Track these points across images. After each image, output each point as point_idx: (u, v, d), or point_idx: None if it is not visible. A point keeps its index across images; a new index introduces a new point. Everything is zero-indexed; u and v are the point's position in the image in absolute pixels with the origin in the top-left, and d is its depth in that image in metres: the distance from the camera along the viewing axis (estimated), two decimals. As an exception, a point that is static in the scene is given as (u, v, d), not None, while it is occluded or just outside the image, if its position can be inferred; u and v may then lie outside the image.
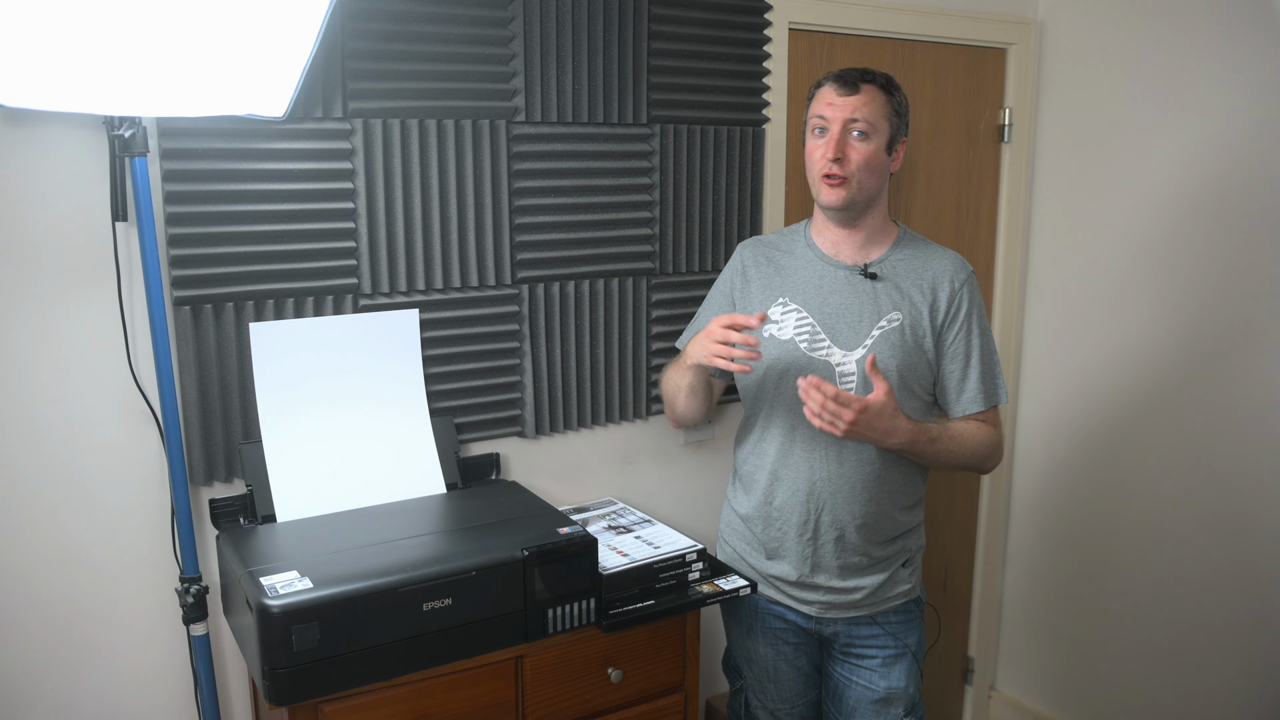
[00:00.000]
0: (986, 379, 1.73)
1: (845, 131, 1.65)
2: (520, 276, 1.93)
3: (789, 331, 1.74)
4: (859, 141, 1.65)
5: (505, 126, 1.87)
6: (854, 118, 1.64)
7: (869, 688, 1.81)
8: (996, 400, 1.74)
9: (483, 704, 1.57)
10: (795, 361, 1.73)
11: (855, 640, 1.81)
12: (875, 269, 1.73)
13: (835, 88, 1.66)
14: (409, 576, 1.42)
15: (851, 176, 1.65)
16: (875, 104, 1.66)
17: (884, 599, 1.78)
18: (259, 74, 1.50)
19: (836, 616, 1.79)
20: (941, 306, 1.71)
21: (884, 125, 1.67)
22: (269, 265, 1.69)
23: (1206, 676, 2.34)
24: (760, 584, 1.83)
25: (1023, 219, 2.64)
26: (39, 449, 1.58)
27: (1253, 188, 2.16)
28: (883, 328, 1.70)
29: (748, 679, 1.92)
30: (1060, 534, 2.66)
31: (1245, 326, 2.20)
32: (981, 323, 1.74)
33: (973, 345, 1.72)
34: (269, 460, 1.68)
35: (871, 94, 1.66)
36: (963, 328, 1.71)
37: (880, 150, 1.67)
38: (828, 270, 1.75)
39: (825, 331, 1.72)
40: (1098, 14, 2.44)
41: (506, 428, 1.98)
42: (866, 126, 1.65)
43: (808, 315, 1.74)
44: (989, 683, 2.87)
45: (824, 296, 1.74)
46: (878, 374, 1.58)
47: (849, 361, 1.70)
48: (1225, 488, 2.27)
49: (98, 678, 1.66)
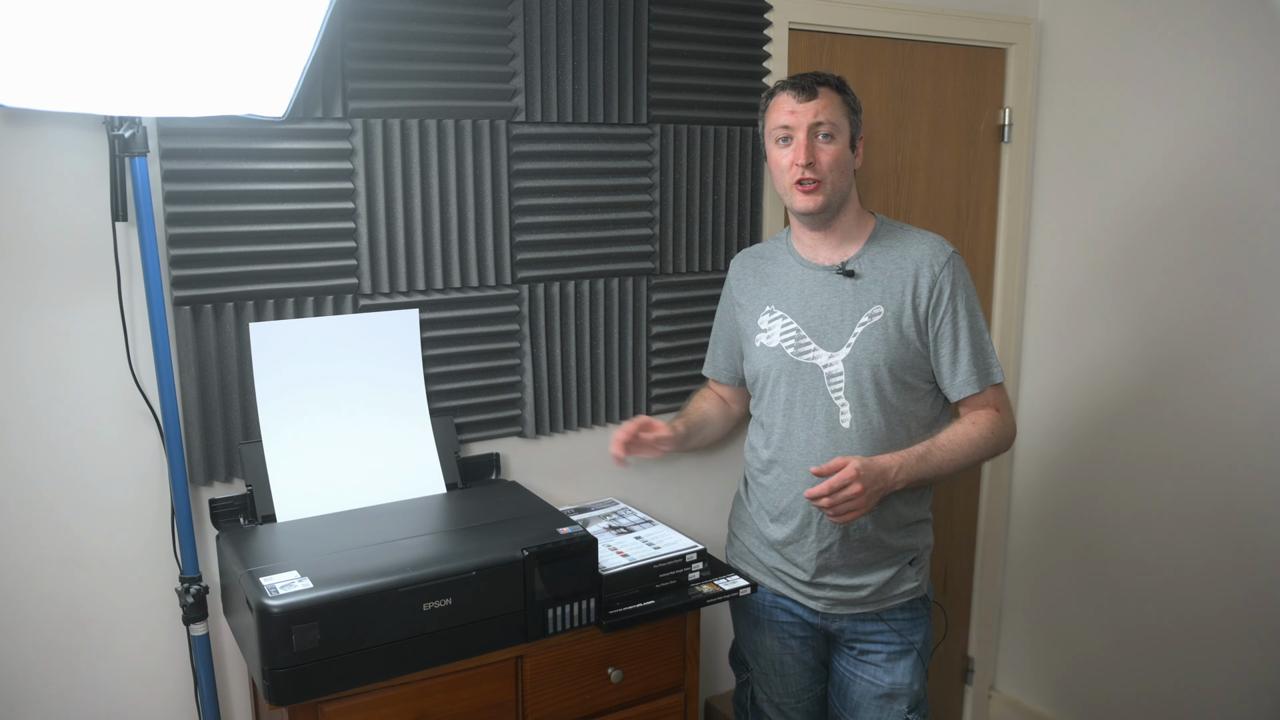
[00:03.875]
0: (978, 359, 1.71)
1: (811, 135, 1.67)
2: (520, 276, 1.93)
3: (776, 338, 1.77)
4: (826, 143, 1.67)
5: (505, 126, 1.87)
6: (818, 120, 1.66)
7: (873, 683, 1.81)
8: (991, 380, 1.72)
9: (483, 704, 1.57)
10: (784, 367, 1.76)
11: (861, 636, 1.81)
12: (852, 266, 1.74)
13: (793, 94, 1.68)
14: (409, 576, 1.42)
15: (825, 178, 1.67)
16: (834, 105, 1.68)
17: (890, 596, 1.78)
18: (259, 74, 1.50)
19: (843, 613, 1.79)
20: (924, 293, 1.70)
21: (845, 124, 1.69)
22: (269, 265, 1.69)
23: (1207, 676, 2.34)
24: (767, 578, 1.84)
25: (1023, 219, 2.64)
26: (39, 449, 1.58)
27: (1252, 187, 2.16)
28: (864, 324, 1.70)
29: (754, 672, 1.93)
30: (1060, 534, 2.66)
31: (1245, 326, 2.20)
32: (968, 303, 1.72)
33: (960, 328, 1.70)
34: (269, 460, 1.68)
35: (829, 96, 1.68)
36: (947, 310, 1.70)
37: (845, 149, 1.70)
38: (807, 274, 1.77)
39: (810, 334, 1.74)
40: (1098, 14, 2.44)
41: (506, 428, 1.98)
42: (831, 128, 1.67)
43: (792, 320, 1.76)
44: (989, 683, 2.87)
45: (805, 300, 1.76)
46: (827, 465, 1.59)
47: (835, 362, 1.71)
48: (1225, 486, 2.27)
49: (98, 678, 1.66)
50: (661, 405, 2.15)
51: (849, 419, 1.71)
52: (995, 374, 1.74)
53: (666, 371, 2.14)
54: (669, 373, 2.14)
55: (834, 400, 1.71)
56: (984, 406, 1.74)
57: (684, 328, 2.13)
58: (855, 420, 1.70)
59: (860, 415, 1.70)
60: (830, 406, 1.72)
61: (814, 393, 1.73)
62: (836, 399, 1.71)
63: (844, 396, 1.71)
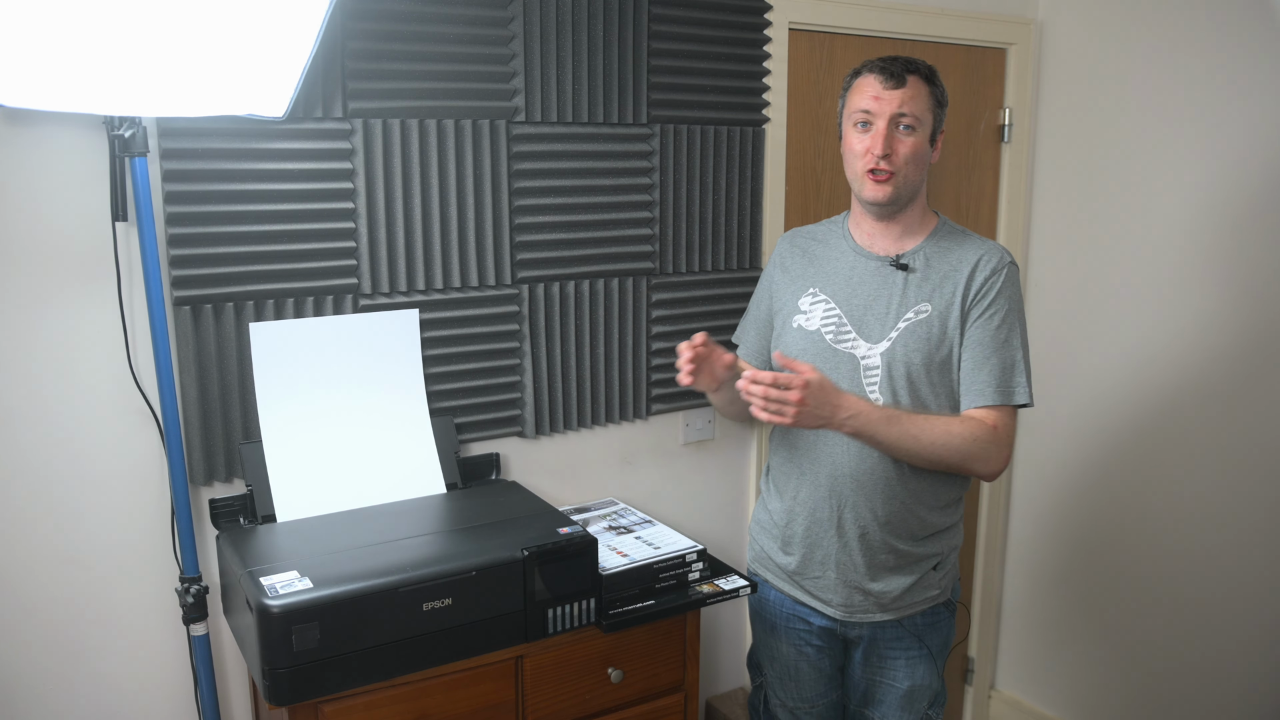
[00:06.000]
0: (1003, 373, 1.62)
1: (892, 125, 1.60)
2: (520, 276, 1.93)
3: (816, 323, 1.72)
4: (906, 135, 1.61)
5: (505, 126, 1.87)
6: (902, 111, 1.59)
7: (893, 685, 1.79)
8: (1011, 399, 1.62)
9: (483, 704, 1.57)
10: (820, 354, 1.70)
11: (880, 642, 1.78)
12: (907, 260, 1.68)
13: (881, 79, 1.61)
14: (409, 576, 1.42)
15: (899, 171, 1.61)
16: (921, 96, 1.61)
17: (911, 603, 1.73)
18: (259, 74, 1.50)
19: (862, 620, 1.75)
20: (972, 293, 1.63)
21: (928, 117, 1.63)
22: (269, 265, 1.69)
23: (1206, 676, 2.34)
24: (785, 584, 1.81)
25: (1023, 219, 2.64)
26: (39, 449, 1.58)
27: (1254, 187, 2.16)
28: (909, 320, 1.65)
29: (768, 676, 1.90)
30: (1060, 534, 2.66)
31: (1247, 326, 2.20)
32: (1009, 315, 1.63)
33: (993, 336, 1.62)
34: (269, 460, 1.68)
35: (917, 86, 1.61)
36: (986, 314, 1.62)
37: (924, 142, 1.63)
38: (859, 261, 1.71)
39: (852, 323, 1.69)
40: (1098, 14, 2.44)
41: (506, 428, 1.98)
42: (914, 120, 1.60)
43: (835, 306, 1.71)
44: (989, 683, 2.87)
45: (853, 288, 1.70)
46: (794, 362, 1.55)
47: (874, 355, 1.66)
48: (1224, 485, 2.27)
49: (98, 678, 1.66)
50: (661, 405, 2.15)
51: None
52: (1019, 394, 1.63)
53: (666, 371, 2.14)
54: (669, 373, 2.14)
55: (868, 393, 1.66)
56: (985, 418, 1.62)
57: (684, 328, 2.13)
58: None
59: None
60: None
61: (848, 383, 1.66)
62: (870, 392, 1.66)
63: (878, 391, 1.66)
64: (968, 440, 1.60)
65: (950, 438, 1.59)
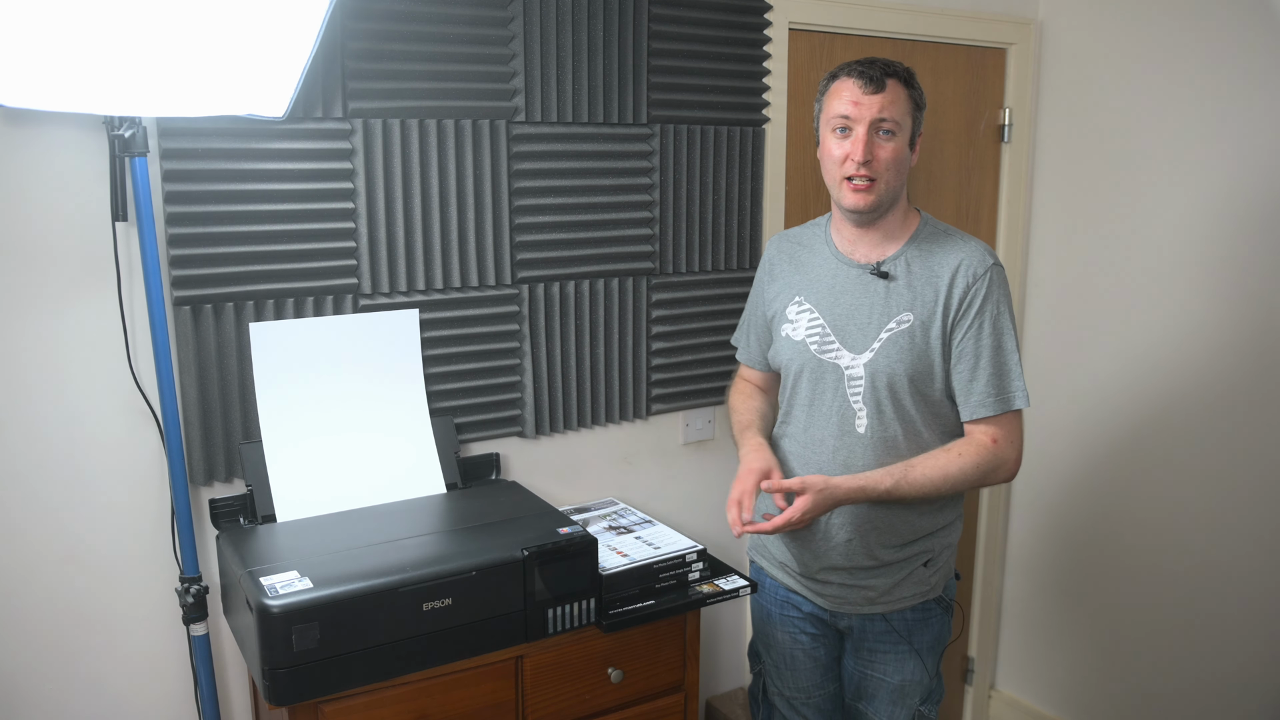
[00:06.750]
0: (998, 380, 1.61)
1: (872, 131, 1.57)
2: (520, 276, 1.93)
3: (801, 333, 1.72)
4: (886, 140, 1.58)
5: (505, 126, 1.87)
6: (882, 116, 1.57)
7: (883, 680, 1.79)
8: (1010, 405, 1.61)
9: (483, 704, 1.57)
10: (807, 362, 1.70)
11: (868, 635, 1.78)
12: (887, 267, 1.66)
13: (860, 84, 1.57)
14: (409, 576, 1.42)
15: (880, 177, 1.59)
16: (900, 100, 1.58)
17: (900, 598, 1.73)
18: (259, 74, 1.50)
19: (850, 611, 1.76)
20: (955, 304, 1.61)
21: (908, 121, 1.60)
22: (269, 265, 1.69)
23: (1205, 676, 2.34)
24: (779, 572, 1.82)
25: (1023, 219, 2.64)
26: (39, 449, 1.58)
27: (1255, 187, 2.16)
28: (891, 330, 1.64)
29: (766, 665, 1.91)
30: (1060, 534, 2.66)
31: (1248, 326, 2.20)
32: (997, 320, 1.61)
33: (984, 345, 1.61)
34: (269, 460, 1.68)
35: (896, 90, 1.58)
36: (974, 324, 1.61)
37: (904, 147, 1.61)
38: (841, 269, 1.70)
39: (835, 334, 1.68)
40: (1098, 14, 2.44)
41: (506, 428, 1.98)
42: (893, 125, 1.57)
43: (819, 316, 1.70)
44: (989, 683, 2.87)
45: (835, 297, 1.69)
46: (785, 482, 1.59)
47: (857, 365, 1.65)
48: (1224, 485, 2.27)
49: (98, 678, 1.66)
50: (661, 405, 2.15)
51: (865, 424, 1.65)
52: (1016, 399, 1.61)
53: (666, 371, 2.14)
54: (669, 373, 2.14)
55: (851, 404, 1.66)
56: (984, 436, 1.62)
57: (684, 328, 2.13)
58: (871, 426, 1.65)
59: (876, 422, 1.65)
60: (847, 409, 1.67)
61: (833, 393, 1.68)
62: (855, 403, 1.66)
63: (862, 401, 1.66)
64: (970, 469, 1.61)
65: (951, 479, 1.61)
